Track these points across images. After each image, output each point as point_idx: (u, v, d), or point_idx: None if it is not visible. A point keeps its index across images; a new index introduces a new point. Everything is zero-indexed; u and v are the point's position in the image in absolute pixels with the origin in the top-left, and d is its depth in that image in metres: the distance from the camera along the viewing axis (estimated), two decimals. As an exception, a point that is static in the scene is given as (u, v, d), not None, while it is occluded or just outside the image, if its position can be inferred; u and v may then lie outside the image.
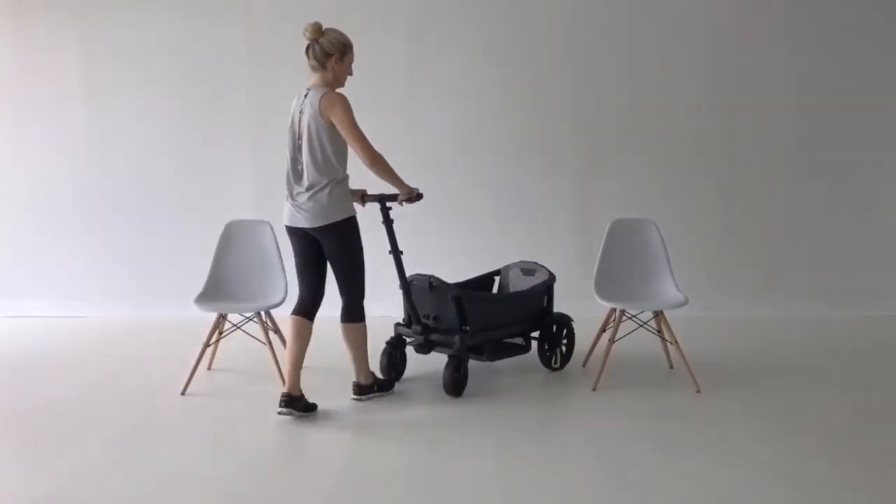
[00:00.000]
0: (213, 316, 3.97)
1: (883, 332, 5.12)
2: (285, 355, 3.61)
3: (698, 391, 3.84)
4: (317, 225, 3.56)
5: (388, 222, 3.98)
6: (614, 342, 3.97)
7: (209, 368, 4.30)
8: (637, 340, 4.84)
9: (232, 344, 4.71)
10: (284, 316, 3.79)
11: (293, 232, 3.69)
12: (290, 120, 3.70)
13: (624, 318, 4.00)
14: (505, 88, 5.66)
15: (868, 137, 5.63)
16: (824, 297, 5.61)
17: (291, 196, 3.69)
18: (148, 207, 5.81)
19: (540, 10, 5.61)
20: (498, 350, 4.05)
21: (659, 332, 4.13)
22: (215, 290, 4.09)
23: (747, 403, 3.68)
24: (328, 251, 3.64)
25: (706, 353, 4.47)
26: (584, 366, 4.34)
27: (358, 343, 3.70)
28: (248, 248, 4.23)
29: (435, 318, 3.94)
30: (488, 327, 3.91)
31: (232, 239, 4.24)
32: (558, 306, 4.41)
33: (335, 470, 2.97)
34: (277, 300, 3.98)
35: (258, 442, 3.28)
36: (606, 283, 4.13)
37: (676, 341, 3.94)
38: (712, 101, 5.61)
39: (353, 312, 3.69)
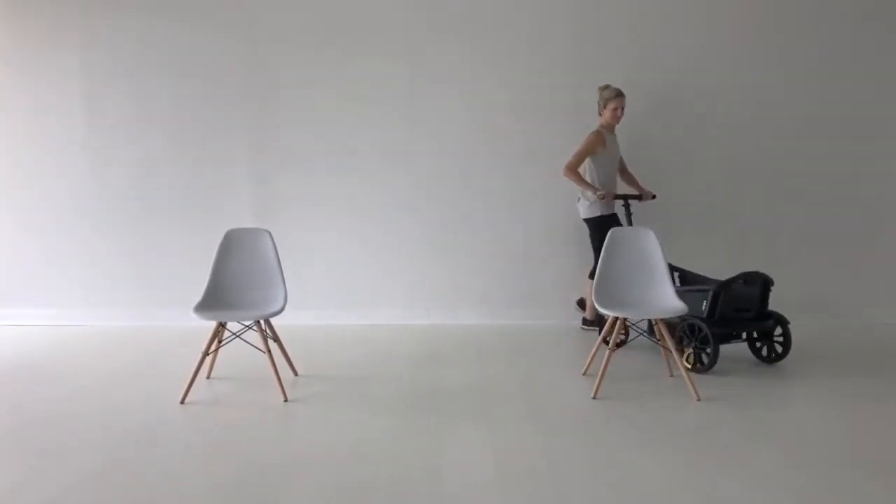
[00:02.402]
0: (213, 324, 3.96)
1: (881, 340, 5.11)
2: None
3: (698, 399, 3.84)
4: None
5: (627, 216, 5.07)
6: (614, 350, 3.96)
7: (208, 377, 4.30)
8: (637, 349, 4.85)
9: (231, 352, 4.71)
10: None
11: None
12: None
13: (623, 325, 3.99)
14: (504, 95, 5.68)
15: (869, 146, 5.65)
16: (823, 306, 5.62)
17: None
18: (147, 216, 5.82)
19: (540, 17, 5.63)
20: None
21: (659, 340, 4.13)
22: (215, 299, 4.09)
23: (747, 412, 3.68)
24: None
25: (706, 362, 4.46)
26: (583, 374, 4.33)
27: (587, 291, 5.31)
28: (247, 256, 4.23)
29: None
30: None
31: (231, 247, 4.24)
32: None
33: (335, 480, 2.96)
34: (277, 308, 3.98)
35: (258, 451, 3.27)
36: (606, 291, 4.13)
37: (676, 349, 3.94)
38: (711, 109, 5.63)
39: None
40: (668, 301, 4.05)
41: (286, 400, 3.90)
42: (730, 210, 5.70)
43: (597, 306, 4.03)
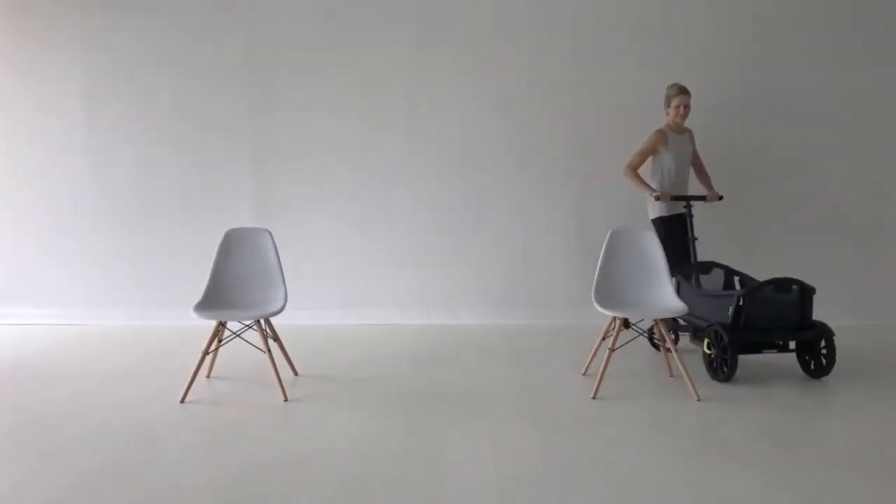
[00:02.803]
0: (213, 324, 3.96)
1: (889, 339, 5.11)
2: None
3: (698, 399, 3.84)
4: None
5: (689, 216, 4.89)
6: (614, 350, 3.96)
7: (208, 376, 4.30)
8: (637, 349, 4.85)
9: (231, 352, 4.71)
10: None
11: None
12: None
13: (623, 326, 3.99)
14: (505, 96, 5.69)
15: (872, 145, 5.65)
16: (825, 304, 5.61)
17: None
18: (147, 215, 5.82)
19: (539, 23, 5.63)
20: None
21: (659, 339, 4.13)
22: (215, 298, 4.09)
23: (747, 412, 3.68)
24: None
25: (706, 362, 4.47)
26: (583, 374, 4.33)
27: None
28: (247, 256, 4.23)
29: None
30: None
31: (231, 247, 4.24)
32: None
33: (335, 479, 2.96)
34: (277, 308, 3.98)
35: (257, 451, 3.27)
36: (606, 291, 4.13)
37: (676, 349, 3.94)
38: (711, 111, 5.63)
39: None
40: (667, 301, 4.05)
41: (286, 399, 3.90)
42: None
43: (597, 306, 4.03)
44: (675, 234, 4.90)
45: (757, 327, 4.10)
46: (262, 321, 3.96)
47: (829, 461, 3.08)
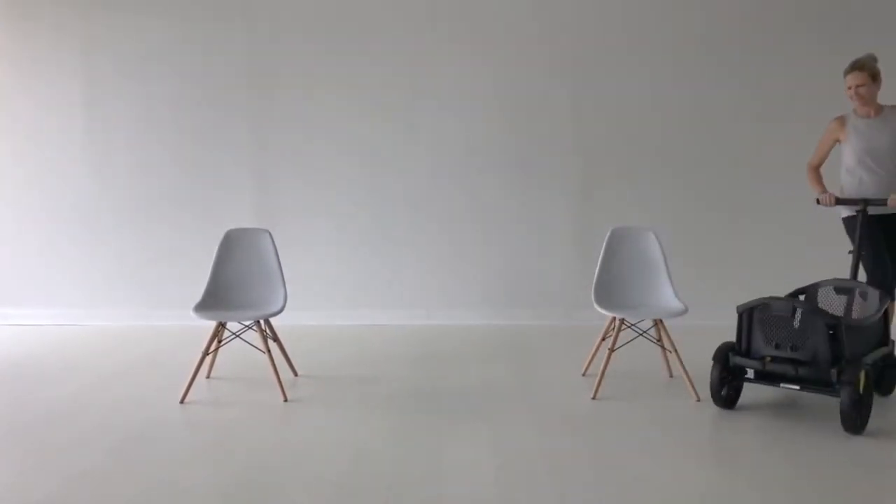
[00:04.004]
0: (213, 324, 3.97)
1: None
2: None
3: (698, 400, 3.84)
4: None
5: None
6: (614, 351, 3.96)
7: (208, 377, 4.30)
8: (637, 349, 4.85)
9: (231, 352, 4.71)
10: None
11: None
12: None
13: (623, 326, 3.99)
14: (505, 95, 5.68)
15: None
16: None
17: None
18: (147, 215, 5.82)
19: (540, 27, 5.63)
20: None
21: (658, 340, 4.13)
22: (214, 299, 4.09)
23: (745, 413, 3.68)
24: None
25: (705, 362, 4.46)
26: (583, 374, 4.33)
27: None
28: (247, 256, 4.23)
29: (794, 348, 3.47)
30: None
31: (231, 247, 4.24)
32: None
33: (335, 480, 2.96)
34: (276, 308, 3.98)
35: (257, 451, 3.27)
36: (606, 291, 4.13)
37: (676, 350, 3.94)
38: (711, 113, 5.63)
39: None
40: (667, 302, 4.05)
41: (286, 400, 3.90)
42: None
43: (596, 307, 4.03)
44: (869, 237, 4.00)
45: (760, 351, 3.62)
46: (261, 322, 3.96)
47: (828, 461, 3.08)
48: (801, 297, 3.93)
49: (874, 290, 3.77)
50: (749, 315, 3.60)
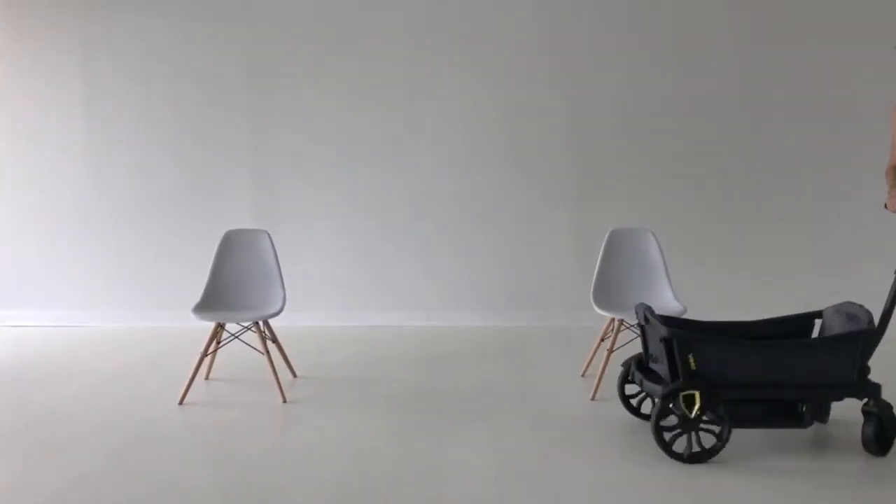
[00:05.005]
0: (211, 325, 3.97)
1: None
2: None
3: (697, 401, 3.84)
4: None
5: None
6: (613, 351, 3.97)
7: (207, 378, 4.30)
8: (636, 350, 4.85)
9: (230, 353, 4.71)
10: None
11: None
12: None
13: (622, 327, 3.99)
14: (505, 95, 5.68)
15: (867, 149, 5.65)
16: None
17: None
18: (146, 217, 5.82)
19: (539, 28, 5.63)
20: (744, 417, 3.15)
21: (657, 341, 4.12)
22: (213, 300, 4.09)
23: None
24: None
25: (705, 363, 4.47)
26: (582, 375, 4.34)
27: None
28: (246, 257, 4.24)
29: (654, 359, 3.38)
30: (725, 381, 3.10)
31: (231, 248, 4.24)
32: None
33: (334, 481, 2.96)
34: (275, 310, 3.98)
35: (256, 452, 3.27)
36: (605, 292, 4.13)
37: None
38: (710, 114, 5.63)
39: None
40: (666, 303, 4.05)
41: (285, 401, 3.90)
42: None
43: (595, 308, 4.03)
44: None
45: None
46: (260, 323, 3.96)
47: (832, 464, 3.08)
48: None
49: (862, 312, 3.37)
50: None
